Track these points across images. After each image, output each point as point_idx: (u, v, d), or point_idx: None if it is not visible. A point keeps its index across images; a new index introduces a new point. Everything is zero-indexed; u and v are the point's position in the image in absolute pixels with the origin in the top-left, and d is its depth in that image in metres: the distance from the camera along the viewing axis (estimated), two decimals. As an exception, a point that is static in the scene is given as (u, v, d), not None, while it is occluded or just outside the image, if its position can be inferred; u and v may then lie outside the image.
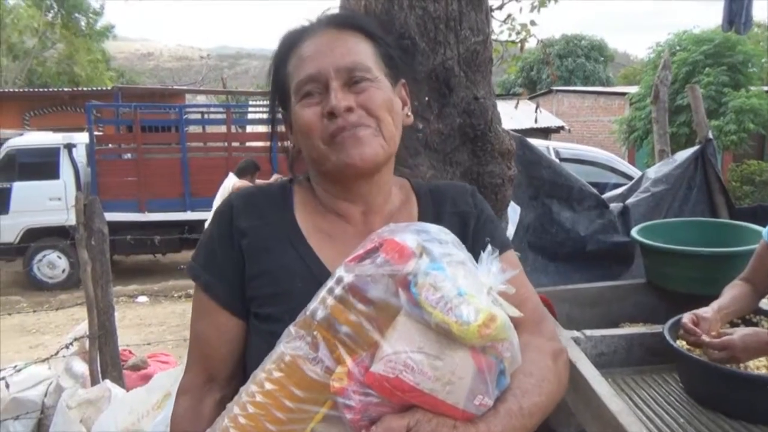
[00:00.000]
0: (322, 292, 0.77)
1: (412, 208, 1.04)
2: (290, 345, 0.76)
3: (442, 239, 0.79)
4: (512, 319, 0.88)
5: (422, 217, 1.03)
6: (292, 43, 0.98)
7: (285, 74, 0.97)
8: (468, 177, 1.76)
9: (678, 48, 12.22)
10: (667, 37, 12.86)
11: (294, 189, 1.04)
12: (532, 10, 2.16)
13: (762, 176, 12.20)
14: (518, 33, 2.23)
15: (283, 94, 0.99)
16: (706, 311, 1.66)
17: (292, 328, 0.78)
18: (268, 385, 0.76)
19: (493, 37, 2.07)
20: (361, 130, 0.91)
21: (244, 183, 5.75)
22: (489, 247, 0.82)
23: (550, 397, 0.87)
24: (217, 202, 6.08)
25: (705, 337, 1.56)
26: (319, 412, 0.74)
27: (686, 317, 1.64)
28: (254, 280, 0.94)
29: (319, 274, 0.90)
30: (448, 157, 1.74)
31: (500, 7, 2.01)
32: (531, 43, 2.27)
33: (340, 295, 0.74)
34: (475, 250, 0.86)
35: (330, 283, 0.77)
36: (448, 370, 0.72)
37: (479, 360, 0.74)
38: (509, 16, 2.13)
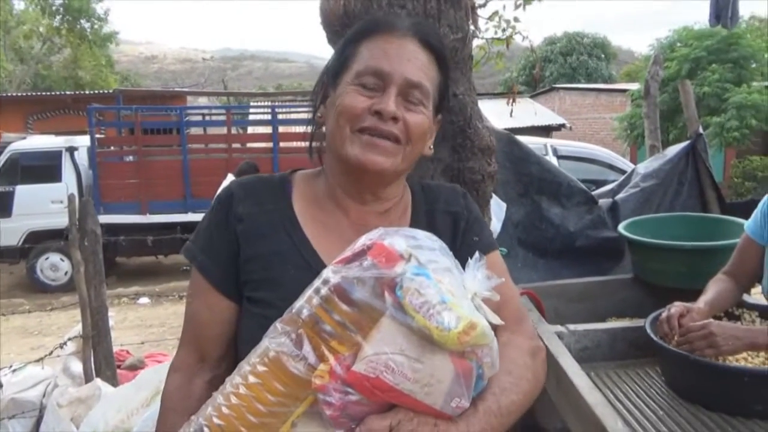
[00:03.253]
0: (309, 291, 0.79)
1: (406, 205, 1.06)
2: (275, 341, 0.78)
3: (430, 246, 0.81)
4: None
5: (415, 213, 1.06)
6: (375, 28, 0.98)
7: (354, 52, 0.97)
8: (448, 173, 1.77)
9: (679, 44, 12.17)
10: (668, 34, 12.82)
11: (294, 180, 1.06)
12: (516, 8, 2.17)
13: (765, 172, 12.17)
14: (504, 30, 2.23)
15: (341, 67, 0.99)
16: (696, 307, 1.66)
17: (278, 324, 0.79)
18: (252, 379, 0.78)
19: (479, 34, 2.08)
20: (387, 142, 0.94)
21: None
22: (476, 254, 0.84)
23: (527, 396, 0.90)
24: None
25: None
26: (300, 407, 0.76)
27: (675, 308, 1.65)
28: (248, 264, 0.96)
29: (312, 262, 0.94)
30: (428, 154, 1.75)
31: (484, 5, 2.02)
32: (518, 41, 2.27)
33: (326, 295, 0.76)
34: (462, 249, 0.90)
35: (317, 283, 0.79)
36: (427, 373, 0.74)
37: (458, 364, 0.76)
38: (495, 12, 2.13)
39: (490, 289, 0.82)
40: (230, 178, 6.07)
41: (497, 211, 2.20)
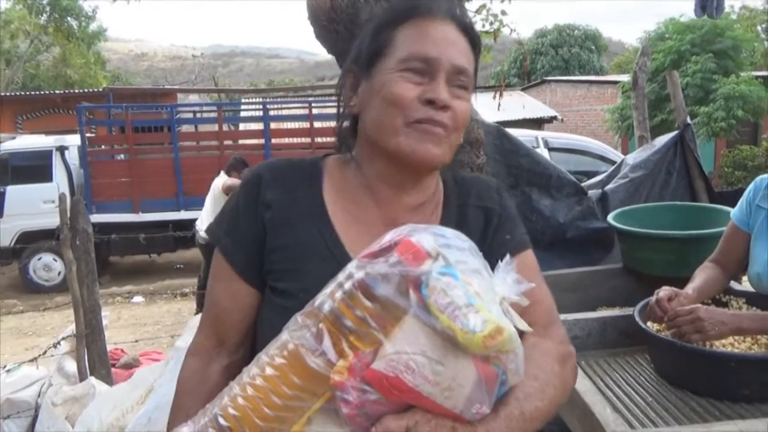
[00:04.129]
0: (332, 285, 0.77)
1: (439, 200, 1.02)
2: (295, 334, 0.76)
3: (459, 245, 0.78)
4: (524, 319, 0.86)
5: (447, 207, 1.02)
6: (410, 12, 0.94)
7: (390, 37, 0.93)
8: (438, 166, 1.78)
9: (667, 36, 12.24)
10: (656, 26, 12.88)
11: (325, 166, 1.02)
12: (503, 1, 2.17)
13: (755, 161, 12.26)
14: (491, 23, 2.24)
15: (375, 54, 0.94)
16: (684, 293, 1.69)
17: (298, 317, 0.78)
18: (269, 371, 0.76)
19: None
20: (441, 130, 0.91)
21: (233, 181, 5.76)
22: (507, 257, 0.81)
23: (552, 402, 0.85)
24: (207, 201, 6.10)
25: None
26: (316, 403, 0.74)
27: (663, 292, 1.67)
28: (273, 253, 0.94)
29: (338, 255, 0.91)
30: (417, 147, 1.76)
31: (471, -2, 2.02)
32: (505, 33, 2.28)
33: (349, 290, 0.74)
34: (493, 246, 0.86)
35: (340, 277, 0.77)
36: (449, 376, 0.72)
37: (482, 369, 0.73)
38: (483, 6, 2.14)
39: (520, 294, 0.79)
40: (222, 175, 6.06)
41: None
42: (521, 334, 0.86)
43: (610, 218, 2.45)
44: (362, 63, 0.96)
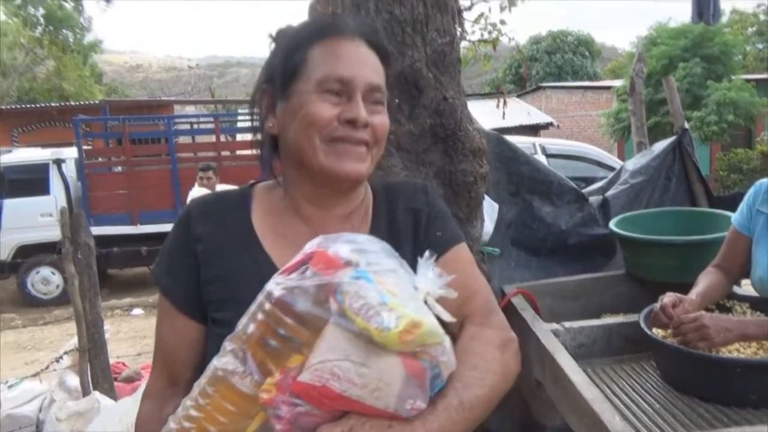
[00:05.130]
0: (253, 307, 0.78)
1: (367, 207, 1.05)
2: (222, 360, 0.78)
3: (372, 249, 0.80)
4: (461, 311, 0.91)
5: (376, 214, 1.04)
6: (321, 32, 0.96)
7: (303, 58, 0.94)
8: (441, 176, 1.79)
9: (658, 41, 12.34)
10: (647, 31, 12.99)
11: (254, 193, 1.04)
12: (502, 11, 2.19)
13: (750, 164, 12.33)
14: (490, 33, 2.26)
15: (290, 75, 0.95)
16: (688, 299, 1.69)
17: (226, 343, 0.79)
18: (201, 400, 0.78)
19: (466, 37, 2.10)
20: (361, 147, 0.94)
21: (203, 190, 5.81)
22: (426, 253, 0.83)
23: (494, 389, 0.88)
24: None
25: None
26: (252, 425, 0.75)
27: (668, 298, 1.68)
28: (208, 284, 0.96)
29: (270, 278, 0.93)
30: (420, 157, 1.77)
31: (469, 8, 2.04)
32: (504, 42, 2.29)
33: (269, 310, 0.75)
34: (425, 245, 0.89)
35: (260, 297, 0.78)
36: (374, 377, 0.73)
37: (409, 365, 0.75)
38: (481, 14, 2.16)
39: (444, 287, 0.81)
40: (196, 187, 6.11)
41: (489, 211, 2.21)
42: (461, 326, 0.92)
43: (611, 224, 2.45)
44: (277, 83, 0.97)
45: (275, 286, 0.76)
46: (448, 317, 0.81)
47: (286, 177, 1.02)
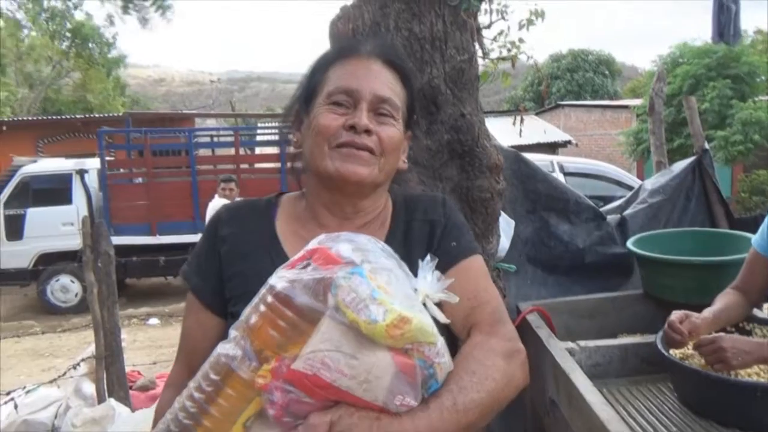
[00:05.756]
0: (256, 299, 0.83)
1: (386, 218, 1.10)
2: (225, 346, 0.82)
3: (371, 248, 0.84)
4: (469, 320, 0.94)
5: (393, 224, 1.09)
6: (340, 54, 1.06)
7: (323, 77, 1.04)
8: (457, 192, 1.80)
9: (681, 60, 12.23)
10: (669, 50, 12.89)
11: (280, 202, 1.12)
12: (520, 28, 2.21)
13: (772, 186, 12.11)
14: (509, 50, 2.27)
15: (311, 93, 1.05)
16: (698, 315, 1.67)
17: (231, 330, 0.83)
18: (204, 383, 0.82)
19: (485, 55, 2.12)
20: (365, 153, 1.00)
21: (223, 201, 5.88)
22: (428, 257, 0.87)
23: (492, 395, 0.88)
24: (207, 222, 6.24)
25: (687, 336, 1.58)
26: (248, 409, 0.79)
27: (675, 315, 1.66)
28: (229, 281, 1.03)
29: None
30: (437, 173, 1.78)
31: (489, 26, 2.06)
32: (523, 59, 2.30)
33: (270, 302, 0.79)
34: (439, 255, 0.91)
35: (263, 290, 0.82)
36: (363, 369, 0.76)
37: (399, 361, 0.77)
38: (501, 32, 2.17)
39: (444, 291, 0.85)
40: (216, 198, 6.18)
41: (506, 228, 2.21)
42: (468, 334, 0.95)
43: (629, 244, 2.43)
44: (302, 103, 1.07)
45: (278, 279, 0.80)
46: (443, 318, 0.84)
47: (308, 187, 1.09)
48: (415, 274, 0.87)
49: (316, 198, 1.07)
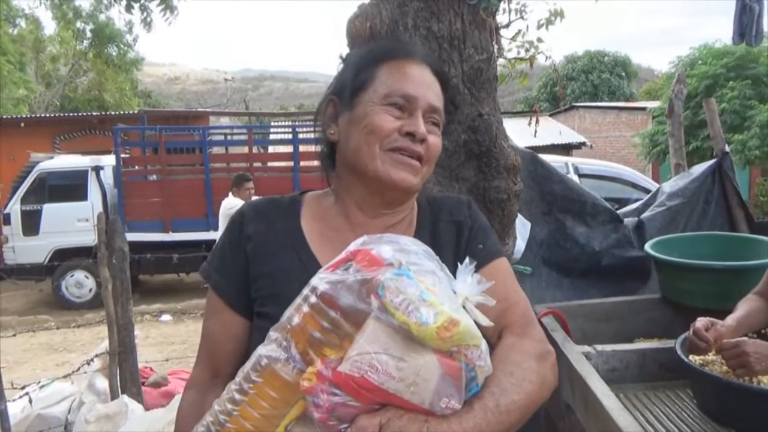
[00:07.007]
0: (298, 300, 0.82)
1: (412, 218, 1.10)
2: (267, 348, 0.81)
3: (413, 250, 0.83)
4: (500, 321, 0.94)
5: (420, 225, 1.09)
6: (391, 53, 1.06)
7: (373, 74, 1.03)
8: (474, 192, 1.78)
9: (700, 62, 12.07)
10: (688, 52, 12.73)
11: (304, 200, 1.11)
12: (539, 28, 2.18)
13: (791, 190, 11.93)
14: (527, 50, 2.24)
15: (358, 88, 1.03)
16: (722, 322, 1.64)
17: (271, 332, 0.82)
18: (245, 385, 0.81)
19: (503, 54, 2.09)
20: (416, 162, 1.01)
21: (237, 200, 5.87)
22: (466, 260, 0.86)
23: (530, 397, 0.89)
24: (220, 221, 6.24)
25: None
26: (292, 411, 0.78)
27: (700, 322, 1.63)
28: (256, 281, 1.01)
29: None
30: (454, 173, 1.76)
31: (507, 26, 2.03)
32: (539, 60, 2.28)
33: (314, 302, 0.78)
34: (466, 256, 0.91)
35: (305, 291, 0.81)
36: (411, 372, 0.75)
37: (445, 364, 0.77)
38: (519, 32, 2.14)
39: (482, 294, 0.84)
40: (231, 197, 6.19)
41: (522, 230, 2.19)
42: (500, 336, 0.95)
43: (647, 247, 2.40)
44: (345, 96, 1.05)
45: (320, 280, 0.80)
46: (485, 322, 0.83)
47: (341, 183, 1.08)
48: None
49: (347, 193, 1.06)
